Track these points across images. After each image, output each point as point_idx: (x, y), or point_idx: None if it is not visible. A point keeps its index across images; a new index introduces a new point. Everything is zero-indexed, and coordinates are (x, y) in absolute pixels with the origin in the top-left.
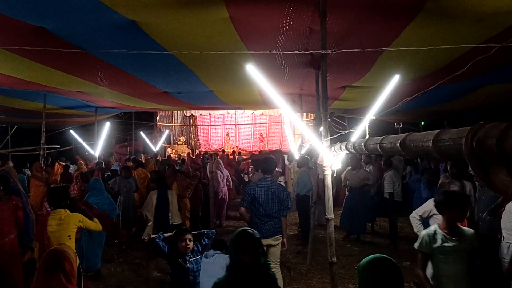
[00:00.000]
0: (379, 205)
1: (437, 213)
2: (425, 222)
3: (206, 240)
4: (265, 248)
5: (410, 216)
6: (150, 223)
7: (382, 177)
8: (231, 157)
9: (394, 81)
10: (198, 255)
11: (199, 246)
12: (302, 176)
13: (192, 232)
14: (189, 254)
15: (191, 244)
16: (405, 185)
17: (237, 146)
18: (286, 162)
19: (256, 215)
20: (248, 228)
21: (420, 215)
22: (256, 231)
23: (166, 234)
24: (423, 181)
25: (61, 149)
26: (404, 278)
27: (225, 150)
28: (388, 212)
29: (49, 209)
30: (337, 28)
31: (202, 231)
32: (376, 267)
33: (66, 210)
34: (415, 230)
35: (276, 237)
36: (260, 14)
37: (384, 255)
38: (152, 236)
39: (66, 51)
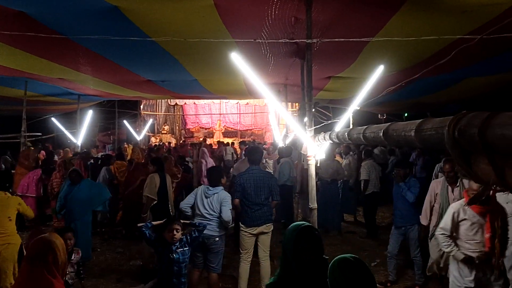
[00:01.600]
0: (359, 196)
1: (465, 217)
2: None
3: (196, 232)
4: (256, 236)
5: (436, 233)
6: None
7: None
8: (214, 147)
9: (378, 72)
10: (186, 247)
11: (188, 237)
12: (283, 166)
13: (183, 222)
14: (177, 244)
15: (178, 234)
16: (387, 175)
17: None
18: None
19: (246, 204)
20: (308, 223)
21: (450, 230)
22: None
23: (155, 223)
24: (401, 184)
25: (43, 137)
26: (375, 277)
27: (207, 140)
28: (363, 202)
29: None
30: (322, 18)
31: (194, 222)
32: (344, 270)
33: (6, 193)
34: (447, 250)
35: (267, 225)
36: (245, 2)
37: (351, 255)
38: (139, 224)
39: (47, 36)
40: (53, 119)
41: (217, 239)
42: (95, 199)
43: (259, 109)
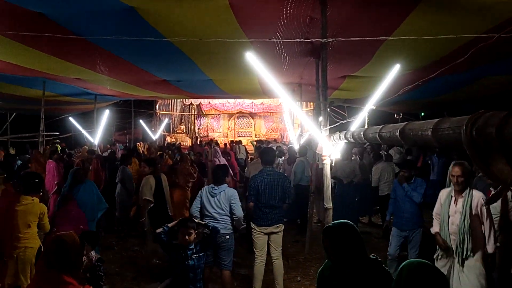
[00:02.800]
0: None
1: None
2: None
3: (210, 237)
4: (267, 236)
5: None
6: (146, 213)
7: None
8: (228, 146)
9: (394, 71)
10: (202, 252)
11: (203, 243)
12: (298, 165)
13: (198, 221)
14: (192, 249)
15: (192, 237)
16: None
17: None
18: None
19: (258, 207)
20: (345, 221)
21: None
22: (353, 224)
23: (170, 225)
24: (404, 185)
25: (61, 136)
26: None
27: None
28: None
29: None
30: (337, 17)
31: (208, 224)
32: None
33: (34, 198)
34: None
35: (278, 225)
36: (260, 1)
37: (422, 260)
38: (158, 230)
39: (64, 37)
40: (70, 118)
41: (228, 237)
42: (94, 207)
43: (274, 109)
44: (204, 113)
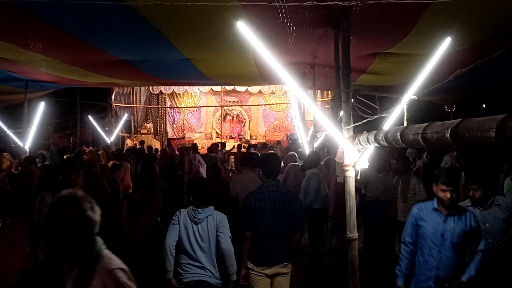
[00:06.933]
0: None
1: None
2: None
3: None
4: (270, 279)
5: None
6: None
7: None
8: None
9: (444, 47)
10: None
11: None
12: (311, 181)
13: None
14: None
15: None
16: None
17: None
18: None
19: (258, 237)
20: None
21: None
22: None
23: None
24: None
25: None
26: None
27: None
28: None
29: None
30: None
31: None
32: None
33: None
34: None
35: (285, 263)
36: None
37: None
38: None
39: None
40: None
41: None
42: None
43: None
44: (177, 104)
